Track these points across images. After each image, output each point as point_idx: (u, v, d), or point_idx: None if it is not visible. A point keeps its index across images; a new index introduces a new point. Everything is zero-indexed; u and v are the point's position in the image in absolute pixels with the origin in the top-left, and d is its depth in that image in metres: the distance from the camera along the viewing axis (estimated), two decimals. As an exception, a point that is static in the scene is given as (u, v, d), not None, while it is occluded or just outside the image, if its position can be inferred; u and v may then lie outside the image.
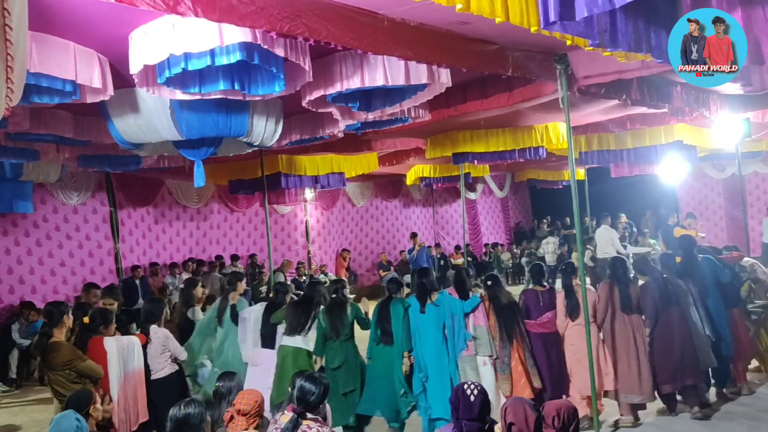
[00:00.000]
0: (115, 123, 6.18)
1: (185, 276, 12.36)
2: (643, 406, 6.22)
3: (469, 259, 15.75)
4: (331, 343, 6.12)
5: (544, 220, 19.69)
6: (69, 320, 5.27)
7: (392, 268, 16.21)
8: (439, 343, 5.98)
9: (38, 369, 5.33)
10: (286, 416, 3.35)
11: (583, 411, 5.95)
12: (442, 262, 16.12)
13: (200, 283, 7.63)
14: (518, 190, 21.81)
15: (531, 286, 6.46)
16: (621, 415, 6.16)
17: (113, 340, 5.43)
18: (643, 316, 6.19)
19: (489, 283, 6.23)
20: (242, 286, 7.09)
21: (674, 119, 9.88)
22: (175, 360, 5.89)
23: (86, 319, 5.53)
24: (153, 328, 5.81)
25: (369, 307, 6.47)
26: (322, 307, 6.30)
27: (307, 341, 6.20)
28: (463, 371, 5.91)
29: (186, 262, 13.24)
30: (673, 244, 12.24)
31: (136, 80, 4.96)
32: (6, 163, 8.37)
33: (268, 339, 6.42)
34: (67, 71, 4.70)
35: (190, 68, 4.62)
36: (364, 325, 6.28)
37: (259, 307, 6.62)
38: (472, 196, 19.15)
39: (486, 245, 19.03)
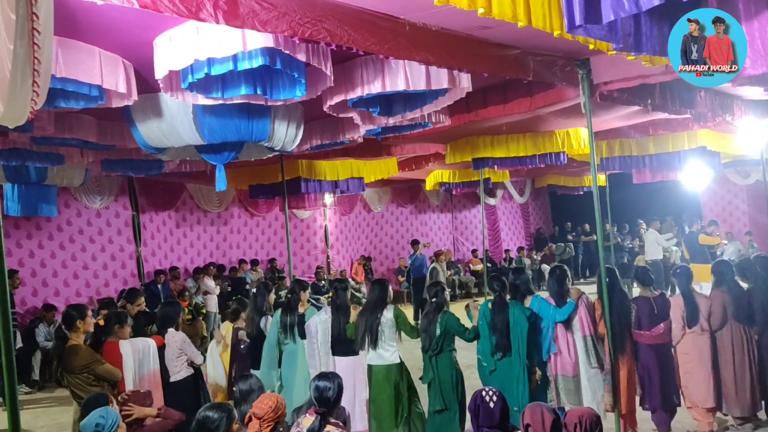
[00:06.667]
0: (138, 127, 6.25)
1: (208, 280, 12.45)
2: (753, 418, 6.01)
3: (489, 265, 15.66)
4: (424, 355, 5.66)
5: (565, 226, 19.58)
6: (84, 324, 5.23)
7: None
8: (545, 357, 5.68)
9: (55, 371, 5.32)
10: (308, 419, 3.35)
11: (705, 426, 5.84)
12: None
13: (273, 290, 7.19)
14: (538, 196, 21.69)
15: (639, 292, 6.02)
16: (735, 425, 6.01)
17: (128, 343, 5.45)
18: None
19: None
20: (305, 295, 6.57)
21: (697, 125, 9.77)
22: (191, 364, 5.92)
23: (101, 321, 5.56)
24: (170, 331, 5.84)
25: (475, 309, 5.91)
26: (389, 315, 5.75)
27: (390, 352, 5.67)
28: (564, 390, 5.62)
29: (207, 266, 13.33)
30: (698, 250, 12.12)
31: (161, 85, 5.02)
32: (31, 167, 8.49)
33: (341, 346, 5.96)
34: (94, 76, 4.76)
35: (213, 73, 4.66)
36: (464, 335, 5.71)
37: (325, 316, 6.11)
38: (491, 201, 19.07)
39: (507, 251, 18.93)
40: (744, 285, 6.18)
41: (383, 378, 5.68)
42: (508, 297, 5.78)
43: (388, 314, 5.71)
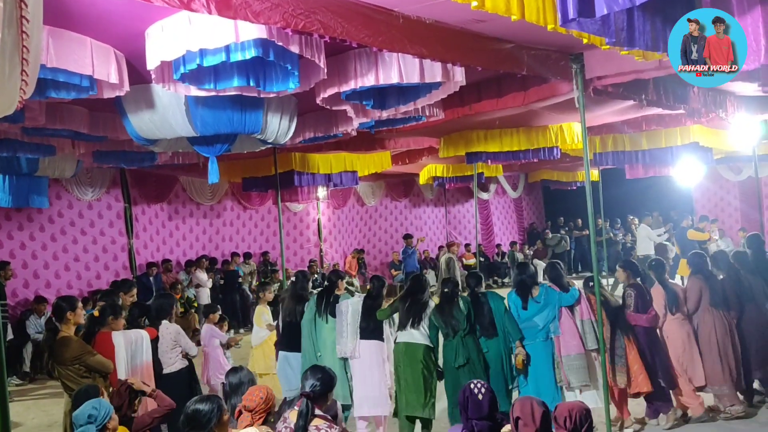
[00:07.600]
0: (130, 119, 6.21)
1: (200, 273, 12.44)
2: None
3: (482, 259, 15.69)
4: (450, 340, 5.82)
5: (558, 221, 19.64)
6: (74, 316, 5.20)
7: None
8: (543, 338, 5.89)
9: (46, 363, 5.29)
10: (294, 412, 3.35)
11: (698, 408, 6.06)
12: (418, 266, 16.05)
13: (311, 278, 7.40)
14: (532, 190, 21.74)
15: (632, 280, 6.27)
16: (721, 409, 6.19)
17: (121, 335, 5.44)
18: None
19: (591, 285, 6.05)
20: (342, 283, 6.79)
21: (690, 120, 9.80)
22: (186, 356, 5.92)
23: (96, 312, 5.55)
24: (164, 323, 5.85)
25: None
26: (432, 304, 6.03)
27: (424, 335, 5.90)
28: (572, 368, 5.77)
29: (200, 258, 13.31)
30: (688, 245, 12.18)
31: (152, 76, 4.98)
32: (22, 158, 8.44)
33: (368, 331, 6.16)
34: (85, 66, 4.72)
35: (205, 64, 4.63)
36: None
37: (357, 299, 6.43)
38: (485, 196, 19.10)
39: (498, 245, 18.97)
40: (720, 276, 6.58)
41: (412, 354, 5.83)
42: (514, 289, 6.10)
43: (432, 303, 6.03)
